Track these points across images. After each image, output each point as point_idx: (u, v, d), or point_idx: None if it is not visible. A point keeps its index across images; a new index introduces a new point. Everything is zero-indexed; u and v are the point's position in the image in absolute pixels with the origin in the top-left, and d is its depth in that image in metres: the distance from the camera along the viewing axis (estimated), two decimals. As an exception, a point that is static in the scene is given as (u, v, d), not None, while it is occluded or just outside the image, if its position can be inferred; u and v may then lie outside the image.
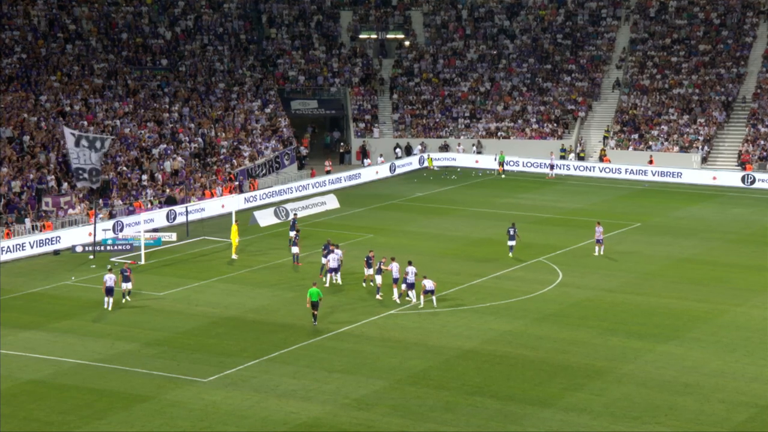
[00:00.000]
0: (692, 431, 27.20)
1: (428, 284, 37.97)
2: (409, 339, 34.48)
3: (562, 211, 56.97)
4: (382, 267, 39.30)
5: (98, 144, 46.17)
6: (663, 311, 37.92)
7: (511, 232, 45.25)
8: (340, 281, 40.93)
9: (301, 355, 33.07)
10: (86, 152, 45.74)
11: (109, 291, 37.48)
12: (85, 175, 46.10)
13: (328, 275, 40.88)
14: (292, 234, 45.42)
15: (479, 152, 70.86)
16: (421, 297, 38.20)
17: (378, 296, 39.04)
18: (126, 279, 38.58)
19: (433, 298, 38.19)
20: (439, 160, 70.83)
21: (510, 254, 45.07)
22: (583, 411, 28.47)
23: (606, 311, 37.94)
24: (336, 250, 41.38)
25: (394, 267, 38.89)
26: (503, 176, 66.93)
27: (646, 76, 74.56)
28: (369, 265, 40.21)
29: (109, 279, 37.51)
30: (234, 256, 45.49)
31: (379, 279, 39.13)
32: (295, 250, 44.46)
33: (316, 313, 35.62)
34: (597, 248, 45.28)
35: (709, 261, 45.88)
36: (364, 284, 40.60)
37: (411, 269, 38.46)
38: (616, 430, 27.23)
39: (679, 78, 73.87)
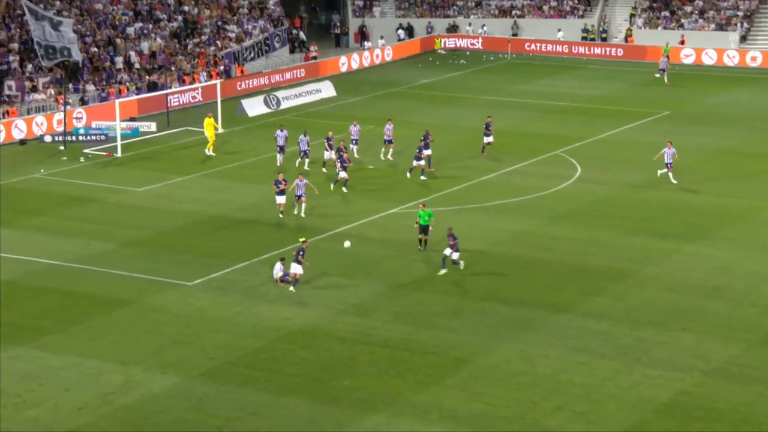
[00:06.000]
0: (721, 337, 27.48)
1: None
2: (411, 240, 34.69)
3: (582, 98, 56.68)
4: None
5: (61, 26, 45.75)
6: (694, 209, 37.97)
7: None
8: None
9: (294, 256, 33.32)
10: (48, 29, 45.35)
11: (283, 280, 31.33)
12: (57, 55, 45.77)
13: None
14: (332, 156, 41.05)
15: (515, 34, 69.75)
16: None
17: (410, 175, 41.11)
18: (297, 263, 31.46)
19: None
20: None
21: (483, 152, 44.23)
22: (602, 317, 28.77)
23: (630, 209, 38.00)
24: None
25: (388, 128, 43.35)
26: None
27: (680, -54, 73.13)
28: (330, 148, 41.45)
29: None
30: (208, 152, 45.12)
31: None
32: (342, 174, 39.71)
33: (425, 238, 33.41)
34: (670, 174, 40.66)
35: (748, 152, 45.87)
36: (324, 169, 41.30)
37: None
38: (638, 336, 27.61)
39: (717, -52, 72.52)
